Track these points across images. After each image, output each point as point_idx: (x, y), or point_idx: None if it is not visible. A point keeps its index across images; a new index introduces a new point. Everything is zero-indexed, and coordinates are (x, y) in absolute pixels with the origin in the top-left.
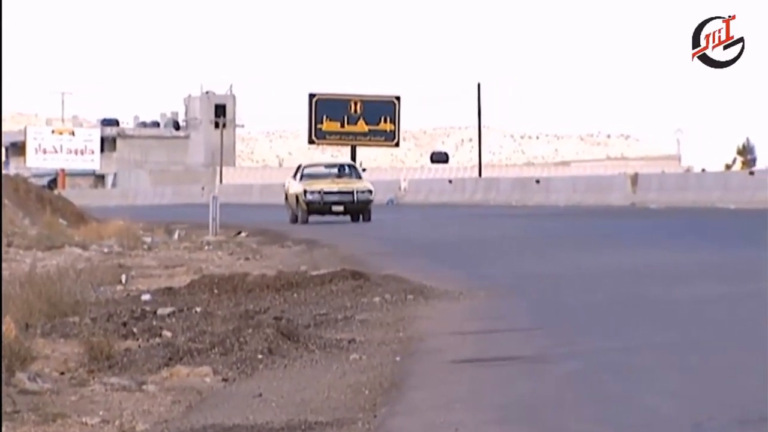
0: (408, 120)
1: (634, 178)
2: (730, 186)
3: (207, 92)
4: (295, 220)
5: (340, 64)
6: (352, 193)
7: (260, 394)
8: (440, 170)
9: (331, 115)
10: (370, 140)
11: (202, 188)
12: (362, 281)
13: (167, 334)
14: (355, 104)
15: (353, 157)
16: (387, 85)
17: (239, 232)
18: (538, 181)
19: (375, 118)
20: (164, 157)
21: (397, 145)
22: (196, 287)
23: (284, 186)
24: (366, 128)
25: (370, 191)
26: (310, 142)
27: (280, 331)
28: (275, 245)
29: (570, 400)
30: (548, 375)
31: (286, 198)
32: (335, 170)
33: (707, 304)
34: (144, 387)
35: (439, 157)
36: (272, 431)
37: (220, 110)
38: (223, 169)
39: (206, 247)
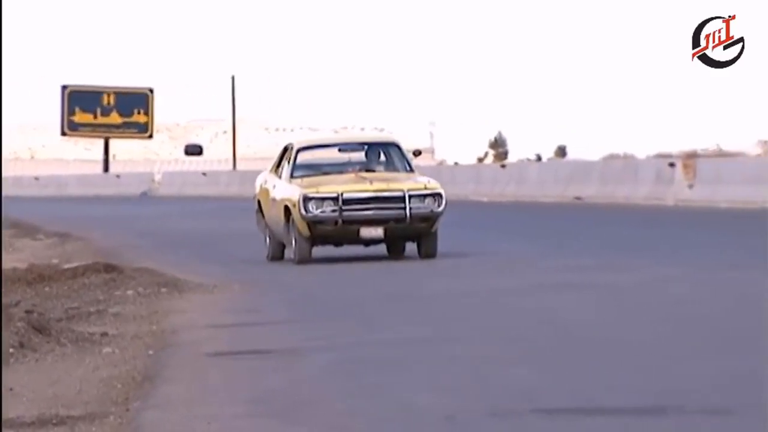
0: (162, 112)
1: None
2: (482, 179)
3: None
4: (280, 253)
5: (92, 56)
6: (402, 199)
7: (11, 389)
8: (195, 163)
9: (84, 107)
10: (123, 132)
11: None
12: (115, 274)
13: None
14: (108, 96)
15: (106, 150)
16: (140, 77)
17: None
18: None
19: (128, 109)
20: None
21: (150, 137)
22: None
23: (258, 186)
24: (119, 120)
25: (439, 195)
26: (63, 134)
27: (32, 324)
28: (27, 238)
29: (323, 393)
30: (302, 368)
31: (260, 208)
32: (360, 154)
33: (461, 298)
34: None
35: (193, 150)
36: (23, 426)
37: None
38: None
39: None
